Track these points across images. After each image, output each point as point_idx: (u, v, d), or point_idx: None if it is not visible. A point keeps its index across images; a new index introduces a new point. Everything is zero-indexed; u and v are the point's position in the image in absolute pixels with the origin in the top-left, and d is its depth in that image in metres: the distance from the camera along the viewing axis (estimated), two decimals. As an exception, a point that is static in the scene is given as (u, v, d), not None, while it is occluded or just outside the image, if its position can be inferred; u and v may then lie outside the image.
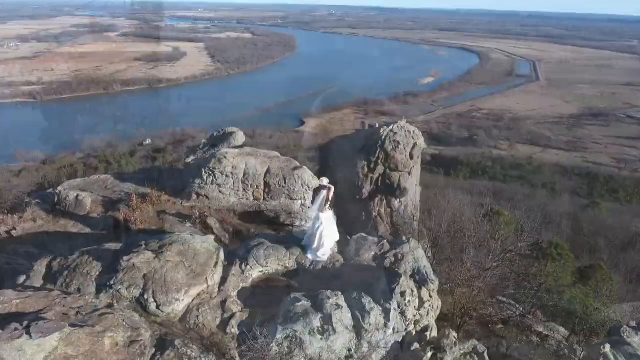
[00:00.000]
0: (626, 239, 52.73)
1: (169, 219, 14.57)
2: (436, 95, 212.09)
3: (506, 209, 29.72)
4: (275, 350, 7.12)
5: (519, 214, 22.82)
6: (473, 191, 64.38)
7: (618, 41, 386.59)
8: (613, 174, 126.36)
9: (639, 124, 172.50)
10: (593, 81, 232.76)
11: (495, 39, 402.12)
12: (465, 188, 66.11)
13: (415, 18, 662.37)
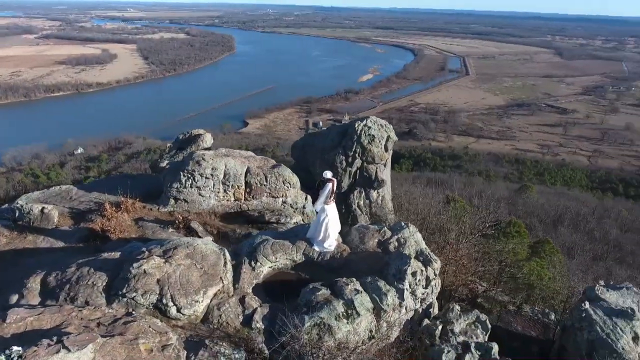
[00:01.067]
0: (555, 217, 58.02)
1: (149, 225, 14.03)
2: (376, 92, 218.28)
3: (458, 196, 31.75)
4: (305, 339, 7.37)
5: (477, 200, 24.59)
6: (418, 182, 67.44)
7: (537, 37, 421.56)
8: (538, 159, 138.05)
9: (557, 112, 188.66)
10: (516, 74, 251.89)
11: (428, 36, 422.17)
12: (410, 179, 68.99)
13: (352, 17, 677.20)
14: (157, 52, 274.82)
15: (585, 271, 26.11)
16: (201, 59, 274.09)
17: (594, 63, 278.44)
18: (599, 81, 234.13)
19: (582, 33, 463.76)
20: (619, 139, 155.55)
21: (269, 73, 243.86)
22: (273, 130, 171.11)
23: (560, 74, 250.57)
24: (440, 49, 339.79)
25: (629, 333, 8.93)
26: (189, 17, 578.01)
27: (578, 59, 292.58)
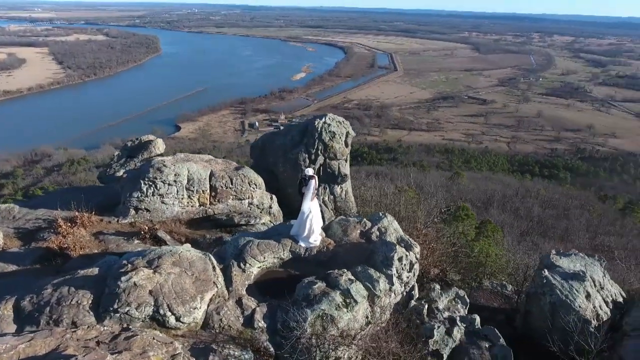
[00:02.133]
0: (485, 199, 62.85)
1: (111, 239, 13.20)
2: (310, 90, 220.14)
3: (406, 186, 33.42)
4: (310, 332, 7.56)
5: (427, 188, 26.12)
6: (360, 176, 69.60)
7: (457, 34, 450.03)
8: (465, 147, 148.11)
9: (478, 103, 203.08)
10: (440, 69, 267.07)
11: (357, 34, 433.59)
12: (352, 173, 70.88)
13: (282, 16, 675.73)
14: (73, 56, 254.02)
15: (516, 246, 28.79)
16: (124, 62, 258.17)
17: (507, 57, 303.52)
18: (511, 73, 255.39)
19: (495, 29, 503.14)
20: (532, 126, 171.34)
21: (199, 74, 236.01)
22: (208, 134, 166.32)
23: (479, 68, 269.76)
24: (369, 46, 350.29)
25: (582, 292, 10.27)
26: (106, 17, 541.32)
27: (493, 53, 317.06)
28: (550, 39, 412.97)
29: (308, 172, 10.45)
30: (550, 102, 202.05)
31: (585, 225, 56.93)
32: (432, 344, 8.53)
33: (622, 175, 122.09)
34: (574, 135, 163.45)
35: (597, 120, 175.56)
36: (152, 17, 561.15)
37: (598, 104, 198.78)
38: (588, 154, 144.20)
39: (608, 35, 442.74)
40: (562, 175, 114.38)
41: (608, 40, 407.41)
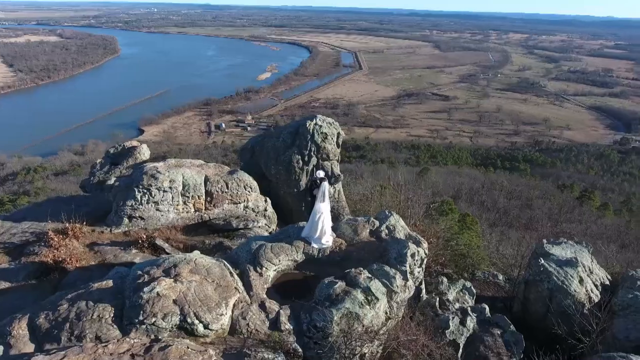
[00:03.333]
0: (454, 193, 65.00)
1: (107, 249, 12.79)
2: (276, 90, 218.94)
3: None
4: (336, 330, 7.74)
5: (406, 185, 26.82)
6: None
7: (417, 32, 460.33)
8: (430, 143, 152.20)
9: (441, 99, 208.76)
10: (404, 67, 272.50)
11: (320, 34, 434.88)
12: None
13: (244, 15, 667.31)
14: (24, 58, 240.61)
15: (498, 237, 30.10)
16: (80, 64, 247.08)
17: (467, 54, 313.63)
18: (471, 70, 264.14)
19: (454, 27, 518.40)
20: (493, 120, 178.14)
21: (161, 75, 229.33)
22: (173, 136, 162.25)
23: (440, 65, 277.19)
24: (333, 45, 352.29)
25: (576, 278, 11.04)
26: (59, 17, 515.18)
27: (453, 51, 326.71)
28: (506, 37, 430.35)
29: (320, 175, 10.63)
30: (508, 97, 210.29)
31: (547, 214, 60.02)
32: (449, 335, 8.96)
33: (577, 165, 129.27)
34: (531, 128, 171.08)
35: (552, 113, 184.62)
36: (109, 17, 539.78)
37: (552, 98, 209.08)
38: (545, 146, 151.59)
39: (558, 33, 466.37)
40: (523, 167, 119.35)
41: (559, 37, 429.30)
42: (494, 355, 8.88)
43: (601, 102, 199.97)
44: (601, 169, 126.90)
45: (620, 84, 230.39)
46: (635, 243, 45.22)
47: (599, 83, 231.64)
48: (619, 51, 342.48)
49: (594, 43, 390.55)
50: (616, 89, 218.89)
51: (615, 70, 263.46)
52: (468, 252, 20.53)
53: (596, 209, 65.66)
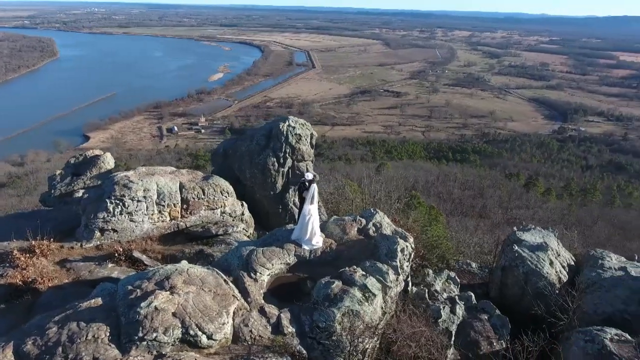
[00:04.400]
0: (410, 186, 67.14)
1: (80, 266, 12.05)
2: (229, 90, 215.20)
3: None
4: (339, 328, 7.85)
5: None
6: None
7: (368, 30, 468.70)
8: (385, 139, 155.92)
9: (393, 95, 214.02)
10: (356, 64, 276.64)
11: (272, 33, 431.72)
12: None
13: (192, 14, 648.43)
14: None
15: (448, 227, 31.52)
16: (14, 68, 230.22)
17: (415, 51, 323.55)
18: (420, 66, 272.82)
19: (402, 25, 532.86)
20: (442, 114, 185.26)
21: (106, 78, 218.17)
22: (122, 142, 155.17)
23: (391, 62, 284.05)
24: (285, 44, 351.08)
25: (547, 261, 11.89)
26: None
27: (403, 48, 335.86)
28: (451, 34, 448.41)
29: (308, 177, 10.69)
30: (456, 92, 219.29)
31: (498, 202, 63.46)
32: (441, 324, 9.39)
33: (521, 154, 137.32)
34: (478, 121, 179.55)
35: (496, 106, 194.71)
36: (45, 18, 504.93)
37: (496, 92, 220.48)
38: (492, 137, 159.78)
39: (498, 30, 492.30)
40: (472, 158, 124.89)
41: (500, 34, 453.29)
42: (484, 339, 9.43)
43: (540, 95, 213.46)
44: (543, 157, 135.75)
45: (556, 77, 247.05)
46: (577, 224, 48.91)
47: (537, 76, 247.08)
48: (554, 46, 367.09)
49: (530, 39, 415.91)
50: (552, 82, 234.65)
51: (550, 64, 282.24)
52: (438, 243, 21.45)
53: (541, 194, 70.22)
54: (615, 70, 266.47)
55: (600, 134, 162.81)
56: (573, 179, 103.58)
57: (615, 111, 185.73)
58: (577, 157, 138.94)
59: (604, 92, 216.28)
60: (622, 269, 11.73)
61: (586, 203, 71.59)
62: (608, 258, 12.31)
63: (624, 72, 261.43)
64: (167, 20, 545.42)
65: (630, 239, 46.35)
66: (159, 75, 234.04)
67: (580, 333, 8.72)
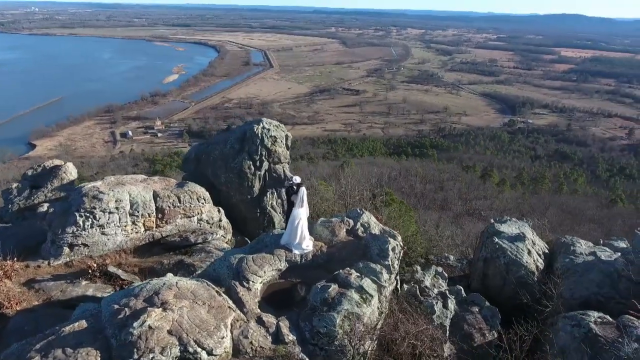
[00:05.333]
0: (374, 183, 68.16)
1: (50, 286, 11.11)
2: (185, 92, 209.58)
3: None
4: (340, 332, 7.72)
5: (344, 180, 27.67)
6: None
7: (323, 29, 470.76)
8: (346, 136, 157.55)
9: (352, 93, 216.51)
10: (313, 63, 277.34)
11: (227, 32, 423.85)
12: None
13: (143, 14, 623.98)
14: None
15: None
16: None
17: (371, 49, 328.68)
18: (377, 64, 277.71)
19: (357, 24, 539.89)
20: (400, 111, 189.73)
21: (51, 82, 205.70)
22: (72, 149, 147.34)
23: (348, 61, 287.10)
24: (241, 44, 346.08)
25: (525, 250, 12.41)
26: None
27: (359, 47, 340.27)
28: (405, 32, 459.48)
29: (296, 180, 10.49)
30: (412, 88, 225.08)
31: (458, 194, 65.79)
32: (436, 319, 9.54)
33: (475, 147, 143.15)
34: (434, 116, 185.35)
35: (450, 102, 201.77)
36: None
37: (450, 88, 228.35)
38: (447, 131, 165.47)
39: (449, 28, 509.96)
40: (430, 152, 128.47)
41: (451, 32, 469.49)
42: (477, 331, 9.68)
43: (490, 89, 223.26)
44: (495, 148, 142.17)
45: (504, 73, 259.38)
46: (531, 212, 51.61)
47: (487, 72, 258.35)
48: (501, 43, 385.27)
49: (479, 37, 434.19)
50: (501, 77, 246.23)
51: (499, 61, 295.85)
52: (416, 238, 21.89)
53: (496, 185, 73.46)
54: (557, 65, 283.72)
55: (546, 125, 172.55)
56: (524, 169, 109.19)
57: (559, 103, 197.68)
58: (526, 148, 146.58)
59: (548, 86, 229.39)
60: (592, 254, 12.45)
61: (537, 191, 75.63)
62: (578, 244, 13.03)
63: (565, 66, 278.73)
64: (115, 20, 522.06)
65: (579, 223, 49.43)
66: (109, 78, 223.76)
67: (566, 318, 9.15)
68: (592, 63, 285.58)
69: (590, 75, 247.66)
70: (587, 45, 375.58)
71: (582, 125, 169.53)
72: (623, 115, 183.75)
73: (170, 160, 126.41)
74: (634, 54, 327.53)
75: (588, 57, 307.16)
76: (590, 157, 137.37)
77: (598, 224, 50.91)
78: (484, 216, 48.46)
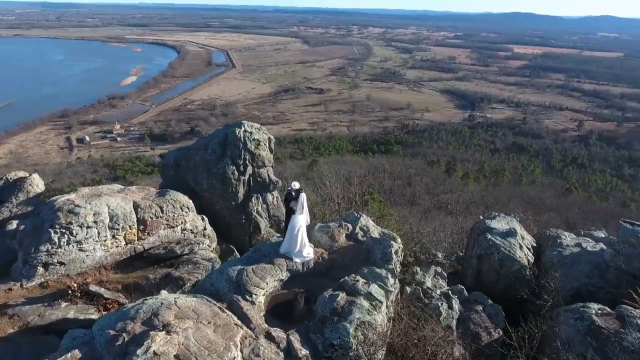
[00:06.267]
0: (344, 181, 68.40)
1: (25, 310, 10.08)
2: (145, 94, 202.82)
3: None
4: (354, 343, 7.43)
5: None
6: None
7: (286, 28, 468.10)
8: (312, 135, 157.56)
9: (316, 92, 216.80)
10: (277, 63, 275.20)
11: (186, 32, 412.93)
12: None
13: (96, 14, 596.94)
14: None
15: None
16: None
17: (334, 48, 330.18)
18: (340, 63, 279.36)
19: (319, 23, 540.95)
20: (365, 109, 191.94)
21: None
22: (24, 157, 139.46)
23: (311, 60, 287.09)
24: (202, 44, 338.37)
25: (517, 245, 12.61)
26: None
27: (321, 46, 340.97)
28: (366, 31, 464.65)
29: (295, 186, 10.08)
30: (375, 86, 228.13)
31: (425, 189, 67.21)
32: (443, 321, 9.45)
33: (438, 142, 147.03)
34: (398, 113, 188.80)
35: (413, 98, 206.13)
36: None
37: (412, 85, 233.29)
38: (411, 128, 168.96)
39: (409, 26, 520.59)
40: (396, 149, 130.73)
41: (410, 30, 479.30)
42: (483, 330, 9.69)
43: (450, 86, 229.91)
44: (457, 143, 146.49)
45: (462, 69, 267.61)
46: (495, 204, 53.45)
47: (446, 69, 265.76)
48: (458, 41, 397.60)
49: (437, 35, 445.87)
50: (460, 74, 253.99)
51: (457, 58, 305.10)
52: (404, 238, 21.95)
53: (460, 178, 75.69)
54: (511, 61, 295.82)
55: (503, 119, 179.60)
56: (485, 162, 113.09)
57: (515, 98, 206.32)
58: (486, 142, 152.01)
59: (504, 82, 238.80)
60: (577, 245, 12.85)
61: (499, 183, 78.49)
62: (563, 236, 13.42)
63: (519, 62, 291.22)
64: (66, 20, 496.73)
65: (540, 212, 51.70)
66: (62, 81, 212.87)
67: (568, 312, 9.34)
68: (543, 59, 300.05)
69: (542, 70, 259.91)
70: (538, 42, 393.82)
71: (537, 119, 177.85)
72: (573, 108, 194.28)
73: (132, 166, 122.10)
74: (581, 50, 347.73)
75: (539, 54, 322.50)
76: (545, 148, 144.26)
77: (557, 212, 53.45)
78: (451, 210, 49.74)
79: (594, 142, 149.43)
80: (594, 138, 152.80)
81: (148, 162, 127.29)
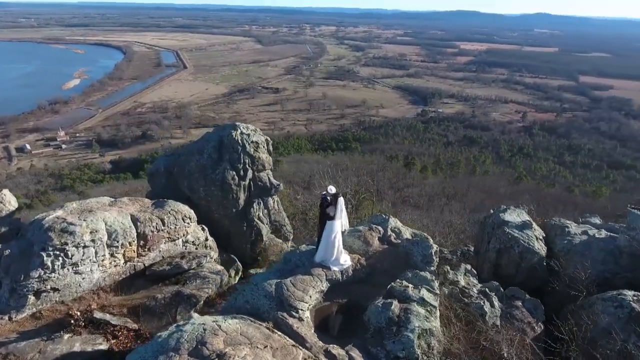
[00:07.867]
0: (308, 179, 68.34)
1: (21, 347, 8.64)
2: (90, 98, 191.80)
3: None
4: (419, 352, 7.00)
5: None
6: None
7: (237, 27, 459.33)
8: (270, 135, 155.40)
9: (272, 92, 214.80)
10: (230, 63, 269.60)
11: (132, 32, 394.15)
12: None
13: (31, 14, 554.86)
14: None
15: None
16: None
17: (287, 47, 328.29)
18: (294, 62, 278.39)
19: (270, 22, 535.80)
20: (321, 107, 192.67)
21: None
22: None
23: (265, 59, 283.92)
24: (150, 44, 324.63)
25: (534, 237, 12.75)
26: None
27: (274, 45, 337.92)
28: (319, 29, 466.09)
29: (331, 190, 9.44)
30: (330, 84, 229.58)
31: (388, 184, 68.41)
32: (489, 320, 9.26)
33: (394, 137, 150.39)
34: (354, 110, 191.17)
35: (367, 95, 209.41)
36: None
37: (365, 82, 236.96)
38: (367, 124, 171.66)
39: (360, 25, 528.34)
40: (354, 146, 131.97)
41: (362, 29, 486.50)
42: (527, 325, 9.59)
43: (402, 82, 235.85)
44: (412, 138, 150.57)
45: (413, 66, 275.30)
46: (455, 194, 55.27)
47: (397, 66, 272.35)
48: (408, 38, 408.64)
49: (388, 33, 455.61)
50: (411, 71, 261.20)
51: (408, 55, 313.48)
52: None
53: (419, 171, 77.77)
54: (458, 58, 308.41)
55: (454, 113, 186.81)
56: (440, 155, 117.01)
57: (463, 92, 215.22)
58: (439, 135, 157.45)
59: (452, 77, 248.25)
60: (584, 233, 13.24)
61: (455, 175, 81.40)
62: (568, 225, 13.79)
63: (465, 58, 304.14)
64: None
65: (498, 201, 54.07)
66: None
67: (605, 300, 9.48)
68: (487, 55, 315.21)
69: (487, 66, 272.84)
70: (482, 38, 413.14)
71: (484, 112, 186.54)
72: (517, 100, 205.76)
73: (81, 174, 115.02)
74: (521, 46, 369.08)
75: (484, 50, 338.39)
76: (493, 140, 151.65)
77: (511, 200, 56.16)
78: (415, 203, 50.82)
79: (537, 132, 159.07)
80: (536, 128, 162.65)
81: (98, 169, 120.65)
